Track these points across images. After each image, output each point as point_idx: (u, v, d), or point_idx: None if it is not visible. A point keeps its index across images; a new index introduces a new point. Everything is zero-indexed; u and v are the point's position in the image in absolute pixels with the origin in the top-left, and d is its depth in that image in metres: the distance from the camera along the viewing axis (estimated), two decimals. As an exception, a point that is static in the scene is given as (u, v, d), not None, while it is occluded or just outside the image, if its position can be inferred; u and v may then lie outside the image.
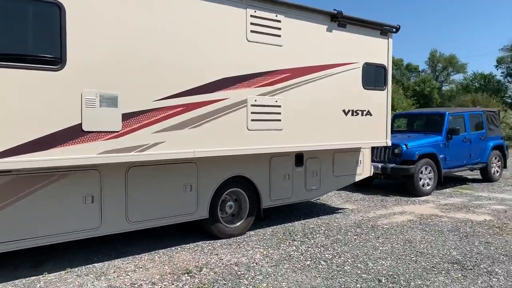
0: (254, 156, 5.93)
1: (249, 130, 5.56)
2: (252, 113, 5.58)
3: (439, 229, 6.49)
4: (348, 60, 6.69)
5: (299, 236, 6.11)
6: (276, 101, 5.84)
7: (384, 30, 7.16)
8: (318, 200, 8.79)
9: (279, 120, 5.89)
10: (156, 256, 5.23)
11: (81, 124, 4.29)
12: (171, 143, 4.91)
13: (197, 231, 6.16)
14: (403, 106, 35.33)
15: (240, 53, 5.46)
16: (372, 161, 9.70)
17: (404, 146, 9.46)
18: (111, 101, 4.45)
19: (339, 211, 7.87)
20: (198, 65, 5.10)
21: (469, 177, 12.20)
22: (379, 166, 9.44)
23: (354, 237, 6.07)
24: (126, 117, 4.57)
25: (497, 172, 11.40)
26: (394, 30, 7.27)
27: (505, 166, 11.76)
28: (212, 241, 5.84)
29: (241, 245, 5.70)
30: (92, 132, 4.37)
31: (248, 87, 5.52)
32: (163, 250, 5.48)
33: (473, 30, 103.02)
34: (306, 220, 7.12)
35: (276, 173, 6.46)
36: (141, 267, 4.85)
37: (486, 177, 11.21)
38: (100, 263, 4.96)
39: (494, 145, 11.24)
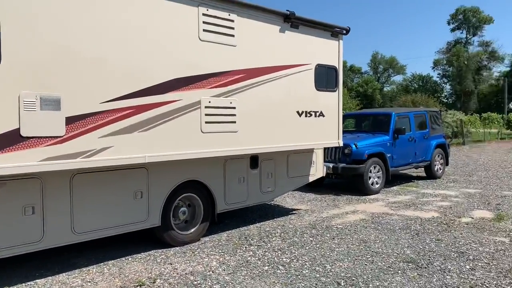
0: (208, 159, 5.74)
1: (203, 132, 5.36)
2: (206, 115, 5.38)
3: (391, 228, 6.61)
4: (301, 61, 6.66)
5: (255, 240, 5.99)
6: (231, 103, 5.68)
7: (335, 31, 7.20)
8: (273, 202, 8.73)
9: (234, 122, 5.74)
10: (105, 268, 4.91)
11: (19, 129, 3.91)
12: (120, 147, 4.61)
13: (149, 239, 5.87)
14: (348, 106, 36.33)
15: (192, 53, 5.25)
16: (324, 161, 9.83)
17: (354, 146, 9.62)
18: (53, 103, 4.10)
19: (294, 212, 7.84)
20: (148, 65, 4.83)
21: (414, 174, 12.66)
22: (330, 166, 9.54)
23: (310, 238, 6.04)
24: (70, 120, 4.23)
25: (440, 169, 11.91)
26: (344, 32, 7.33)
27: (447, 164, 12.31)
28: (165, 250, 5.58)
29: (196, 252, 5.49)
30: (32, 137, 4.00)
31: (201, 88, 5.32)
32: (112, 261, 5.15)
33: (412, 33, 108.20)
34: (261, 223, 7.02)
35: (231, 176, 6.31)
36: (89, 281, 4.52)
37: (430, 175, 11.68)
38: (43, 279, 4.57)
39: (437, 144, 11.73)
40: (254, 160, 6.65)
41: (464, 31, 73.31)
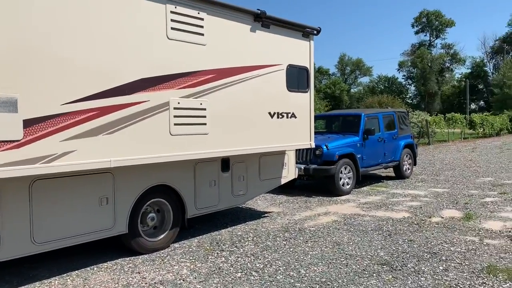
0: (178, 163, 5.54)
1: (172, 135, 5.15)
2: (175, 116, 5.18)
3: (364, 229, 6.58)
4: (272, 61, 6.54)
5: (227, 246, 5.82)
6: (201, 104, 5.50)
7: (306, 32, 7.13)
8: (244, 205, 8.57)
9: (204, 124, 5.56)
10: (68, 280, 4.63)
11: (-30, 132, 3.61)
12: (83, 152, 4.35)
13: (117, 246, 5.60)
14: (318, 107, 36.61)
15: (160, 52, 5.03)
16: (295, 162, 9.76)
17: (325, 147, 9.59)
18: (8, 105, 3.81)
19: (266, 215, 7.72)
20: (114, 64, 4.59)
21: (383, 174, 12.80)
22: (302, 167, 9.47)
23: (283, 242, 5.92)
24: (28, 123, 3.95)
25: (409, 169, 12.07)
26: (315, 32, 7.27)
27: (415, 164, 12.49)
28: (133, 258, 5.34)
29: (165, 260, 5.27)
30: (-15, 142, 3.70)
31: (170, 88, 5.12)
32: (76, 271, 4.87)
33: (378, 35, 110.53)
34: (233, 227, 6.86)
35: (201, 180, 6.11)
36: (51, 295, 4.24)
37: (399, 175, 11.82)
38: (0, 294, 4.26)
39: (405, 144, 11.89)
40: (225, 163, 6.48)
41: (428, 33, 75.55)
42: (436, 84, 70.26)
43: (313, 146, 7.42)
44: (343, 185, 9.61)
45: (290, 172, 7.75)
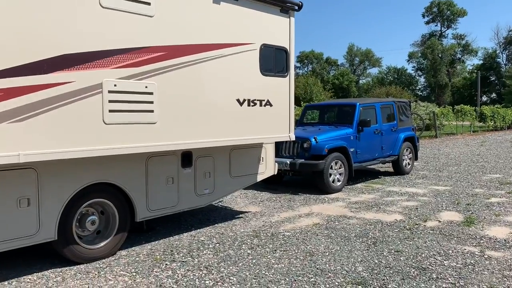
0: (123, 157, 4.69)
1: (106, 124, 4.28)
2: (110, 101, 4.30)
3: (346, 235, 5.69)
4: (241, 40, 5.63)
5: (182, 255, 4.97)
6: (147, 87, 4.61)
7: (285, 7, 6.19)
8: (220, 203, 7.73)
9: (152, 111, 4.68)
10: (-27, 299, 3.82)
11: None
12: (-17, 143, 3.51)
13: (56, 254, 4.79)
14: (321, 98, 35.59)
15: (90, 23, 4.15)
16: (281, 156, 8.87)
17: (313, 139, 8.68)
18: None
19: (240, 215, 6.85)
20: (24, 34, 3.72)
21: (381, 169, 11.85)
22: (288, 162, 8.59)
23: (248, 251, 5.06)
24: None
25: (409, 164, 11.09)
26: (296, 7, 6.33)
27: (416, 158, 11.52)
28: (66, 268, 4.51)
29: (102, 272, 4.44)
30: None
31: (103, 67, 4.24)
32: (-11, 287, 4.06)
33: (388, 25, 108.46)
34: (198, 230, 6.01)
35: (155, 176, 5.25)
36: None
37: (398, 170, 10.85)
38: None
39: (406, 137, 10.90)
40: (186, 157, 5.61)
41: (439, 23, 73.66)
42: (447, 75, 68.62)
43: (293, 138, 6.50)
44: (333, 181, 8.70)
45: (268, 167, 6.85)
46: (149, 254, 4.98)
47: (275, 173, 7.08)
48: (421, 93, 70.97)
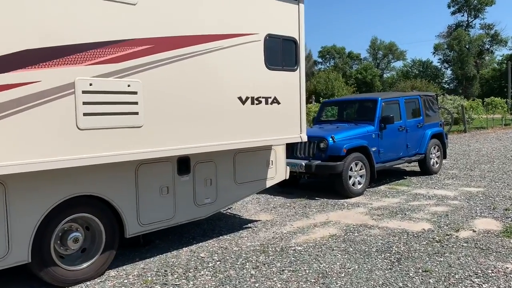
0: (107, 166, 4.12)
1: (80, 129, 3.71)
2: (85, 103, 3.73)
3: (366, 250, 4.98)
4: (242, 30, 4.99)
5: (176, 276, 4.37)
6: (129, 86, 4.02)
7: (293, -8, 5.51)
8: (229, 210, 7.12)
9: (136, 113, 4.09)
10: None
11: None
12: None
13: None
14: (343, 93, 34.59)
15: (59, 12, 3.57)
16: (295, 157, 8.21)
17: (331, 139, 7.96)
18: None
19: (249, 225, 6.22)
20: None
21: (407, 169, 11.01)
22: (303, 163, 7.90)
23: (252, 272, 4.41)
24: None
25: (437, 163, 10.21)
26: (305, -7, 5.64)
27: (444, 156, 10.63)
28: (43, 294, 3.98)
29: (82, 299, 3.89)
30: None
31: (76, 64, 3.66)
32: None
33: (412, 17, 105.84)
34: (199, 244, 5.40)
35: (147, 186, 4.67)
36: None
37: (425, 170, 9.99)
38: None
39: (433, 133, 10.02)
40: (184, 163, 5.01)
41: (465, 13, 71.07)
42: (475, 67, 66.12)
43: (304, 139, 5.82)
44: (353, 184, 7.96)
45: (278, 172, 6.20)
46: (140, 275, 4.40)
47: (287, 177, 6.41)
48: (447, 86, 68.70)
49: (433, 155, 10.08)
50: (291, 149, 8.36)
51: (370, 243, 5.21)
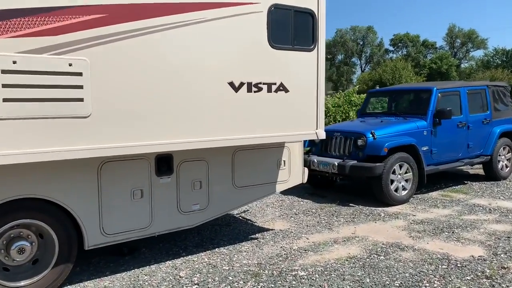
0: (62, 163, 3.37)
1: (0, 119, 2.96)
2: (5, 86, 2.95)
3: (387, 283, 3.83)
4: (236, -2, 3.99)
5: (135, 301, 3.55)
6: (71, 65, 3.20)
7: (309, -49, 4.40)
8: (243, 213, 6.21)
9: (80, 100, 3.26)
10: None
11: None
12: None
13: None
14: (407, 81, 32.06)
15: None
16: (328, 155, 7.10)
17: (370, 135, 6.72)
18: None
19: (256, 235, 5.26)
20: None
21: (471, 171, 9.37)
22: (336, 163, 6.74)
23: (228, 305, 3.47)
24: None
25: (506, 167, 8.52)
26: (325, -48, 4.50)
27: (517, 159, 8.88)
28: (-27, 314, 3.33)
29: (8, 326, 3.17)
30: None
31: (-8, 37, 2.90)
32: None
33: (495, 1, 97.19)
34: (188, 256, 4.55)
35: (113, 189, 3.88)
36: None
37: (491, 174, 8.35)
38: None
39: (502, 131, 8.33)
40: (164, 161, 4.16)
41: (560, -4, 63.66)
42: None
43: (321, 136, 4.70)
44: (395, 190, 6.68)
45: (293, 174, 5.16)
46: (96, 297, 3.64)
47: (305, 181, 5.36)
48: (535, 77, 62.19)
49: (502, 157, 8.41)
50: (324, 146, 7.25)
51: (395, 273, 4.04)
